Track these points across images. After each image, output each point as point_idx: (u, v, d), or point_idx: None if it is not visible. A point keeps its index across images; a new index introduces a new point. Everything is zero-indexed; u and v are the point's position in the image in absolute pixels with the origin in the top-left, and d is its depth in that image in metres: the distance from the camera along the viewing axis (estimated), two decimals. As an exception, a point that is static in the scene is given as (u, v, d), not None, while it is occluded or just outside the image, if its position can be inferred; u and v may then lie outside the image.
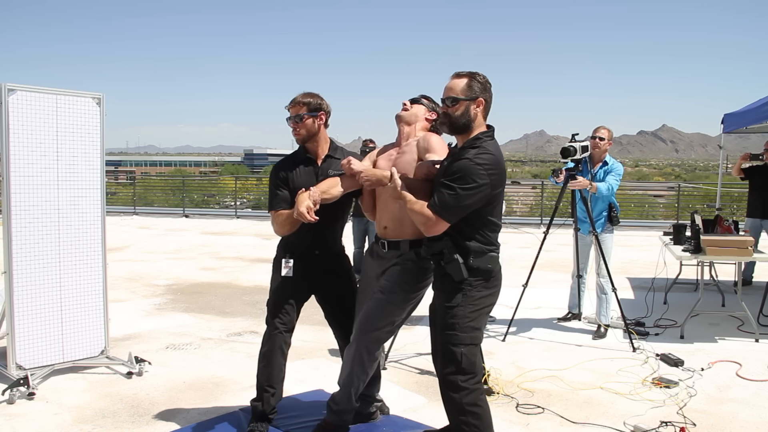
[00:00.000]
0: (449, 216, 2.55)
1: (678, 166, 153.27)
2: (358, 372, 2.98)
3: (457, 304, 2.63)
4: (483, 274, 2.64)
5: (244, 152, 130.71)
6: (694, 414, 3.54)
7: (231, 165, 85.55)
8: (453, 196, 2.51)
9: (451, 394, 2.65)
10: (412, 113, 3.08)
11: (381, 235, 3.03)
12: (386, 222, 2.99)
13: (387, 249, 2.98)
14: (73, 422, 3.44)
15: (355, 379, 2.99)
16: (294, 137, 3.17)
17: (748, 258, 5.12)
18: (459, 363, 2.62)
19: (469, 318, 2.63)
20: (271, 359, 3.19)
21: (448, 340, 2.64)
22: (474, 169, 2.51)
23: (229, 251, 10.16)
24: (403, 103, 3.13)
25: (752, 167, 6.93)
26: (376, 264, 3.07)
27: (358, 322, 2.98)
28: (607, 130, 5.23)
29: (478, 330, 2.69)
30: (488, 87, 2.70)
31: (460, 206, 2.53)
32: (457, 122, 2.65)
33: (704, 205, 14.02)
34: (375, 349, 2.97)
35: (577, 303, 5.52)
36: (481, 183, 2.51)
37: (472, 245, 2.62)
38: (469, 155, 2.55)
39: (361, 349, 2.93)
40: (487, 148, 2.59)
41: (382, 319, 2.92)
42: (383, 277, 2.98)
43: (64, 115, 4.05)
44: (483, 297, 2.66)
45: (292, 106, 3.13)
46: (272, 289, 3.25)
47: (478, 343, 2.72)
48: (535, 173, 77.17)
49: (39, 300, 3.99)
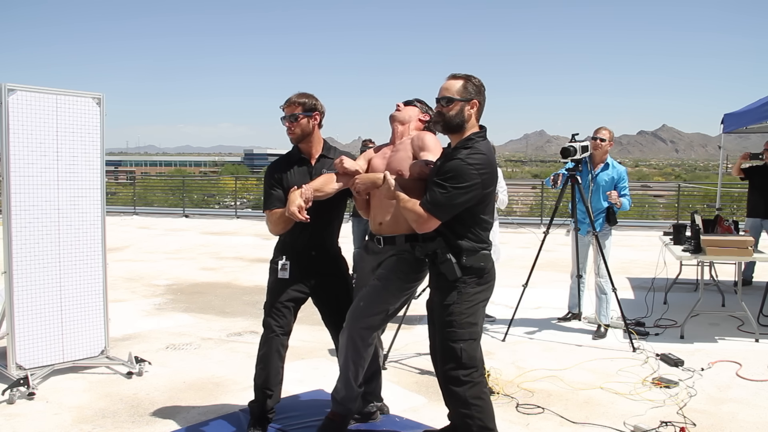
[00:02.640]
0: (441, 214, 2.62)
1: (678, 166, 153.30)
2: (354, 357, 2.99)
3: (453, 301, 2.70)
4: (476, 272, 2.72)
5: (244, 152, 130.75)
6: (694, 414, 3.54)
7: (231, 165, 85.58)
8: (444, 195, 2.58)
9: (454, 388, 2.69)
10: (406, 113, 3.15)
11: (376, 231, 3.07)
12: (381, 218, 3.03)
13: (383, 244, 3.02)
14: (73, 422, 3.44)
15: (351, 364, 3.00)
16: (288, 136, 3.20)
17: (748, 258, 5.12)
18: (459, 358, 2.68)
19: (466, 314, 2.70)
20: (268, 362, 3.19)
21: (448, 337, 2.70)
22: (465, 169, 2.58)
23: (229, 251, 10.16)
24: (397, 104, 3.19)
25: (752, 167, 6.93)
26: (372, 259, 3.11)
27: (352, 308, 3.01)
28: (608, 131, 5.23)
29: (476, 325, 2.76)
30: (482, 90, 2.77)
31: (451, 204, 2.60)
32: (451, 122, 2.72)
33: (704, 205, 14.02)
34: (368, 335, 2.98)
35: (576, 303, 5.52)
36: (473, 183, 2.59)
37: (465, 244, 2.69)
38: (461, 155, 2.63)
39: (354, 336, 2.95)
40: (479, 149, 2.67)
41: (375, 306, 2.95)
42: (379, 268, 3.03)
43: (64, 115, 4.05)
44: (477, 293, 2.74)
45: (287, 105, 3.16)
46: (268, 291, 3.26)
47: (477, 338, 2.78)
48: (535, 173, 77.20)
49: (39, 300, 3.99)
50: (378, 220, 3.05)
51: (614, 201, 5.05)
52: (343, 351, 3.02)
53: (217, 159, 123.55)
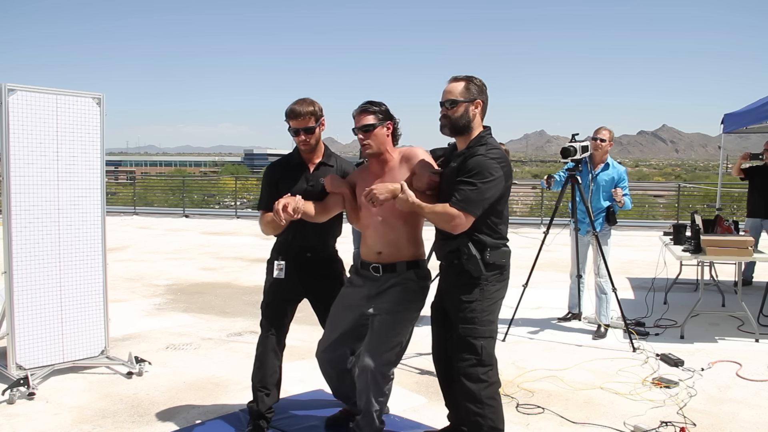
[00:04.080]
0: (474, 209, 2.64)
1: (678, 166, 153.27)
2: (377, 395, 2.91)
3: (475, 299, 2.72)
4: (498, 268, 2.75)
5: (244, 152, 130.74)
6: (694, 414, 3.54)
7: (231, 165, 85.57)
8: (475, 191, 2.61)
9: (471, 385, 2.71)
10: (378, 142, 2.90)
11: (374, 261, 2.95)
12: (381, 247, 2.93)
13: (382, 273, 2.93)
14: (73, 422, 3.44)
15: (374, 403, 2.92)
16: (302, 148, 3.13)
17: (748, 258, 5.12)
18: (479, 355, 2.71)
19: (487, 311, 2.74)
20: (264, 361, 3.20)
21: (469, 333, 2.72)
22: (489, 164, 2.64)
23: (229, 251, 10.16)
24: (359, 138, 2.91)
25: (752, 167, 6.93)
26: (367, 286, 2.98)
27: (368, 348, 2.88)
28: (608, 131, 5.23)
29: (494, 323, 2.80)
30: (484, 89, 2.81)
31: (482, 199, 2.64)
32: (458, 123, 2.76)
33: (704, 205, 14.03)
34: (387, 371, 2.91)
35: (576, 303, 5.52)
36: (497, 175, 2.65)
37: (488, 240, 2.72)
38: (481, 152, 2.69)
39: (376, 375, 2.86)
40: (494, 144, 2.74)
41: (391, 341, 2.88)
42: (381, 300, 2.92)
43: (64, 115, 4.05)
44: (497, 290, 2.78)
45: (299, 118, 3.04)
46: (265, 291, 3.26)
47: (495, 336, 2.82)
48: (535, 173, 77.19)
49: (39, 300, 3.99)
50: (377, 249, 2.94)
51: (618, 199, 5.05)
52: (365, 392, 2.90)
53: (217, 159, 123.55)
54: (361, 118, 2.91)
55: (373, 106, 2.92)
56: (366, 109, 2.91)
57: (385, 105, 2.95)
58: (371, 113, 2.90)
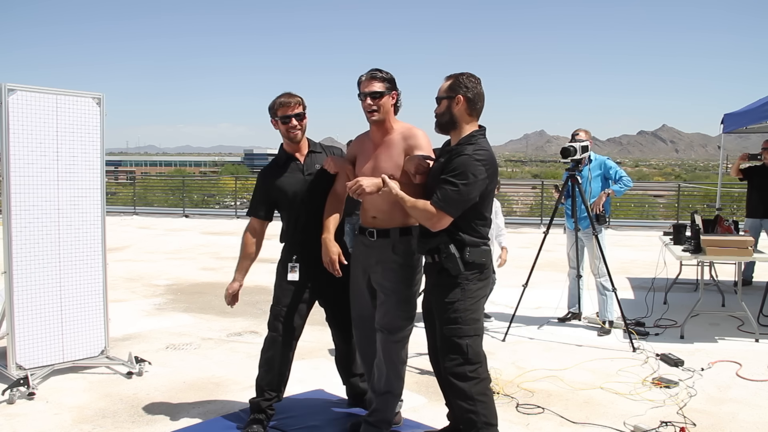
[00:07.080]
0: (453, 210, 2.66)
1: (678, 166, 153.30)
2: (393, 377, 3.01)
3: (457, 299, 2.74)
4: (477, 267, 2.76)
5: (244, 152, 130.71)
6: (694, 414, 3.54)
7: (231, 165, 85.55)
8: (455, 191, 2.63)
9: (460, 384, 2.72)
10: (384, 111, 2.92)
11: (369, 225, 3.02)
12: (375, 213, 2.99)
13: (376, 237, 2.98)
14: (73, 422, 3.44)
15: (394, 382, 3.01)
16: (291, 135, 3.17)
17: (748, 258, 5.12)
18: (465, 354, 2.72)
19: (470, 310, 2.75)
20: (272, 365, 3.18)
21: (453, 334, 2.74)
22: (473, 165, 2.65)
23: (229, 251, 10.15)
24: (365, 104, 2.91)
25: (751, 167, 6.93)
26: (365, 254, 3.05)
27: (382, 327, 2.99)
28: (584, 131, 5.36)
29: (479, 321, 2.81)
30: (472, 86, 2.76)
31: (463, 200, 2.65)
32: (440, 120, 2.81)
33: (704, 205, 14.02)
34: (402, 348, 3.02)
35: (576, 302, 5.53)
36: (480, 177, 2.66)
37: (467, 239, 2.73)
38: (468, 151, 2.68)
39: (391, 352, 2.97)
40: (483, 145, 2.74)
41: (402, 316, 2.98)
42: (383, 278, 2.97)
43: (64, 115, 4.05)
44: (479, 289, 2.80)
45: (290, 106, 3.12)
46: (277, 294, 3.23)
47: (481, 333, 2.83)
48: (535, 173, 77.16)
49: (39, 300, 3.99)
50: (371, 214, 3.00)
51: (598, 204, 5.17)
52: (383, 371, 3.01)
53: (217, 159, 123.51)
54: (370, 83, 2.92)
55: (382, 73, 2.95)
56: (375, 76, 2.93)
57: (392, 74, 2.98)
58: (380, 80, 2.93)
